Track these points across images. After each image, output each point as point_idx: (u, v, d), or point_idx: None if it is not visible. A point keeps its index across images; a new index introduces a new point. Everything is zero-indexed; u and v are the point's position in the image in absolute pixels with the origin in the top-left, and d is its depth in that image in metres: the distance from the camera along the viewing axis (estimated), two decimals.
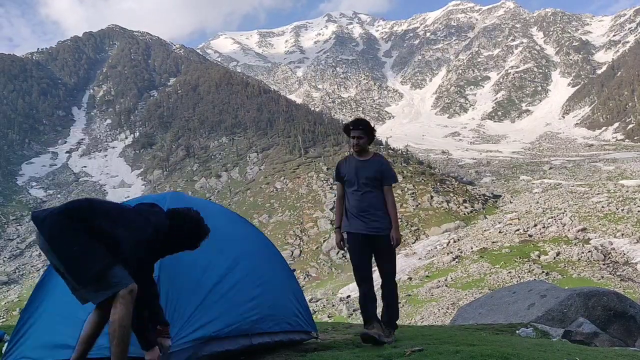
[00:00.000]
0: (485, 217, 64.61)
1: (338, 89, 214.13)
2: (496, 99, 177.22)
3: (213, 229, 5.03)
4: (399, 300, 6.27)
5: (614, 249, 44.53)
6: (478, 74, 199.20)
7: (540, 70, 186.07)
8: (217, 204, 6.88)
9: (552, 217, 55.51)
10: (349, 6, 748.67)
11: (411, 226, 65.78)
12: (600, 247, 44.89)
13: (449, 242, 57.61)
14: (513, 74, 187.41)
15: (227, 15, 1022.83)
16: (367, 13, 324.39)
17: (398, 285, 5.76)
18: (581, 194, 63.38)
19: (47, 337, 4.43)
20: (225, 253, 4.62)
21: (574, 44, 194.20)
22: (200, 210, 5.30)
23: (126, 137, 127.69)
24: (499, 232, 54.95)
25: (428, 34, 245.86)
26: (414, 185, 74.77)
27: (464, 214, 67.39)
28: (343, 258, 60.36)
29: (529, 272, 40.62)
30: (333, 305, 42.95)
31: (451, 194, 72.35)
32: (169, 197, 4.97)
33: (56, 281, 4.72)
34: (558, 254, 44.64)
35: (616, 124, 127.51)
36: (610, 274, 39.22)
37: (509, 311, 9.38)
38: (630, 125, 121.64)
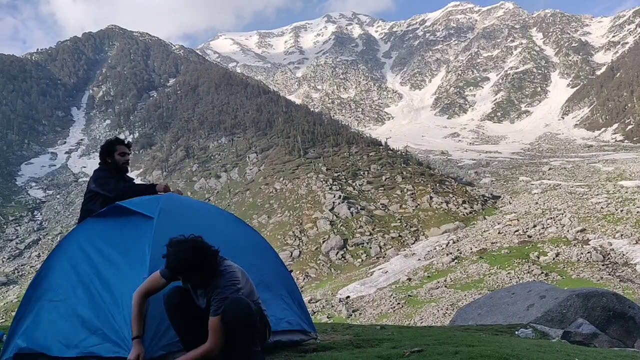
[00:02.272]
0: (485, 218, 64.63)
1: (337, 89, 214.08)
2: (495, 99, 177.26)
3: (210, 231, 5.04)
4: (399, 301, 6.21)
5: (613, 249, 44.56)
6: (477, 74, 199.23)
7: (540, 71, 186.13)
8: (214, 205, 6.89)
9: (551, 218, 55.54)
10: (355, 5, 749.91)
11: (410, 227, 65.78)
12: (599, 248, 44.92)
13: (449, 242, 57.62)
14: (512, 75, 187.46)
15: (237, 14, 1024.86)
16: (370, 13, 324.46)
17: (398, 286, 5.71)
18: (580, 195, 63.40)
19: (46, 332, 4.46)
20: (221, 254, 4.61)
21: (573, 45, 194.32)
22: (197, 211, 5.30)
23: (125, 138, 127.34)
24: (498, 233, 54.97)
25: (427, 35, 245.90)
26: (413, 186, 74.78)
27: (463, 214, 67.40)
28: (342, 259, 60.39)
29: (528, 272, 40.65)
30: (332, 306, 42.93)
31: (450, 195, 72.36)
32: (162, 199, 4.99)
33: (51, 280, 4.73)
34: (557, 254, 44.67)
35: (615, 125, 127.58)
36: (609, 274, 39.25)
37: (508, 312, 9.38)
38: (630, 126, 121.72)
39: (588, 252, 43.84)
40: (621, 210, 53.37)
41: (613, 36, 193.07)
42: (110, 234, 4.76)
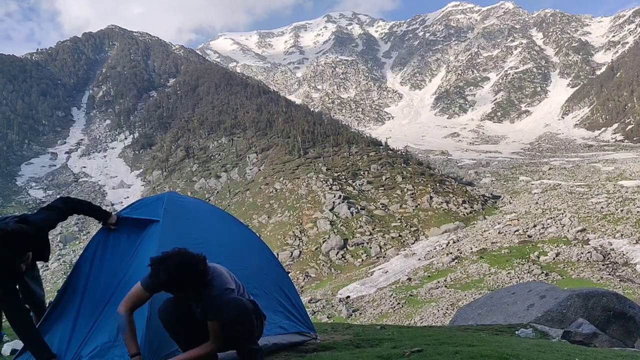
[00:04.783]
0: (485, 218, 64.61)
1: (337, 89, 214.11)
2: (495, 99, 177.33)
3: (211, 233, 5.02)
4: (399, 301, 6.18)
5: (613, 249, 44.55)
6: (477, 74, 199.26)
7: (540, 71, 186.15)
8: (211, 204, 6.87)
9: (551, 218, 55.53)
10: (361, 4, 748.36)
11: (410, 227, 65.75)
12: (599, 248, 44.91)
13: (449, 242, 57.60)
14: (512, 75, 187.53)
15: (248, 11, 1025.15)
16: (375, 12, 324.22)
17: (398, 286, 5.70)
18: (580, 195, 63.40)
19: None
20: (218, 256, 4.51)
21: (573, 44, 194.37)
22: (194, 212, 5.30)
23: (125, 138, 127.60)
24: (499, 233, 54.95)
25: (427, 35, 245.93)
26: (413, 186, 74.75)
27: (464, 214, 67.38)
28: (342, 259, 60.36)
29: (528, 272, 40.64)
30: (332, 306, 42.90)
31: (450, 195, 72.34)
32: (165, 199, 4.97)
33: (72, 297, 4.72)
34: (557, 254, 44.65)
35: (615, 125, 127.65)
36: (609, 274, 39.24)
37: (509, 312, 9.39)
38: (630, 126, 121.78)
39: (588, 252, 43.82)
40: (621, 210, 53.36)
41: (613, 36, 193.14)
42: (120, 241, 4.78)
